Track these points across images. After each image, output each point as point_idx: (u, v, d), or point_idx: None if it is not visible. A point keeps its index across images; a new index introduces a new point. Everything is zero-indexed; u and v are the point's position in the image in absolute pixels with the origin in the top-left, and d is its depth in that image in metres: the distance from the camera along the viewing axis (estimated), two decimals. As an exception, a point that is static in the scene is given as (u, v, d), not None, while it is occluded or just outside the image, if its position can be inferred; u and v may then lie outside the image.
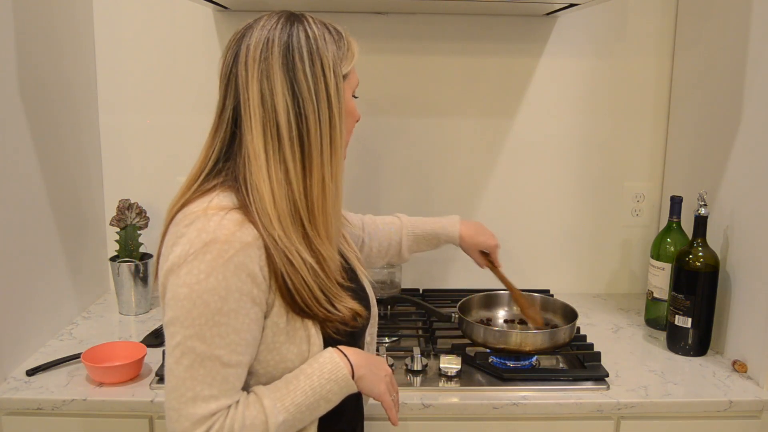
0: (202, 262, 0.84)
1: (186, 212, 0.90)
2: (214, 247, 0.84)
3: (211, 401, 0.85)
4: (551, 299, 1.50)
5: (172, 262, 0.86)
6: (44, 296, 1.44)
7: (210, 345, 0.84)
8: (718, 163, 1.47)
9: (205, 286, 0.84)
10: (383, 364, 1.01)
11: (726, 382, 1.32)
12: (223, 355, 0.85)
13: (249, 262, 0.85)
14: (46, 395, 1.23)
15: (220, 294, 0.84)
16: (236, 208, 0.88)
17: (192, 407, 0.85)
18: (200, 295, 0.84)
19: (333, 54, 0.92)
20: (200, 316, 0.84)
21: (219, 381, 0.85)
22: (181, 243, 0.86)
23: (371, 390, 0.97)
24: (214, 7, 1.59)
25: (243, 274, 0.85)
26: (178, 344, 0.85)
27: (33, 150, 1.39)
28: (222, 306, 0.84)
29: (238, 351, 0.86)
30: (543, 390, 1.28)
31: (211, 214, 0.87)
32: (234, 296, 0.85)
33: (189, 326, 0.84)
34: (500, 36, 1.70)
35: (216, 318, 0.84)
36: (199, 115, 1.71)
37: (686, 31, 1.66)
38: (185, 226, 0.87)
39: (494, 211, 1.79)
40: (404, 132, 1.74)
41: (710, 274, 1.39)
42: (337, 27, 0.96)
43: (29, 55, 1.37)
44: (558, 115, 1.75)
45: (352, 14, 1.64)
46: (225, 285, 0.84)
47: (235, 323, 0.85)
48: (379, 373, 0.99)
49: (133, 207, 1.64)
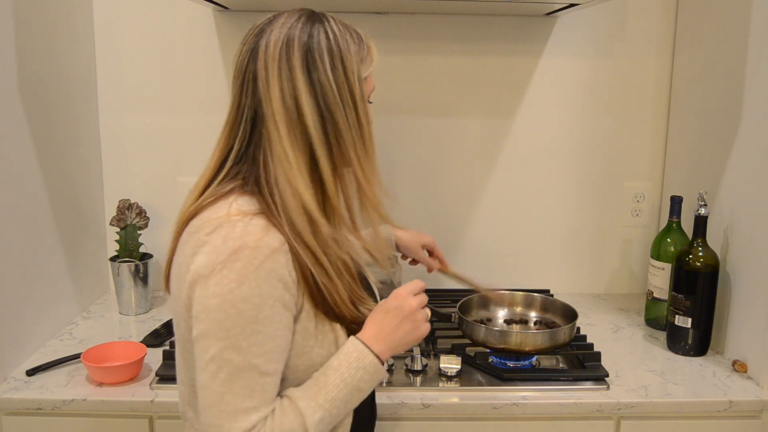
0: (231, 270, 0.81)
1: (204, 218, 0.87)
2: (243, 254, 0.81)
3: (251, 413, 0.83)
4: (551, 299, 1.50)
5: (198, 273, 0.83)
6: (44, 296, 1.44)
7: (247, 355, 0.82)
8: (718, 163, 1.47)
9: (238, 294, 0.81)
10: (404, 310, 0.95)
11: (726, 382, 1.32)
12: (261, 364, 0.83)
13: (279, 268, 0.83)
14: (46, 395, 1.23)
15: (254, 302, 0.82)
16: (260, 213, 0.86)
17: (234, 422, 0.82)
18: (234, 305, 0.81)
19: (354, 56, 0.90)
20: (235, 326, 0.81)
21: (258, 392, 0.83)
22: (204, 252, 0.83)
23: (414, 343, 0.96)
24: (214, 7, 1.59)
25: (274, 280, 0.83)
26: (213, 358, 0.82)
27: (33, 150, 1.39)
28: (257, 314, 0.82)
29: (275, 359, 0.85)
30: (543, 390, 1.28)
31: (236, 220, 0.84)
32: (268, 303, 0.83)
33: (223, 338, 0.81)
34: (500, 36, 1.70)
35: (252, 326, 0.82)
36: (200, 115, 1.71)
37: (686, 31, 1.66)
38: (207, 234, 0.84)
39: (494, 211, 1.79)
40: (404, 132, 1.74)
41: (710, 274, 1.39)
42: (357, 29, 0.94)
43: (29, 55, 1.37)
44: (558, 115, 1.75)
45: (352, 14, 1.64)
46: (258, 292, 0.82)
47: (270, 331, 0.83)
48: (406, 327, 0.95)
49: (133, 207, 1.64)
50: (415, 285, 0.99)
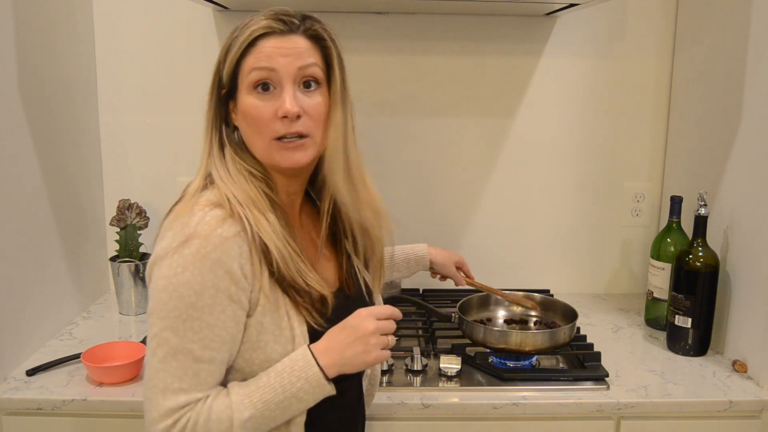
0: (180, 256, 0.86)
1: (176, 208, 0.92)
2: (193, 243, 0.86)
3: (180, 394, 0.86)
4: (551, 299, 1.50)
5: (156, 254, 0.89)
6: (44, 296, 1.44)
7: (182, 339, 0.86)
8: (718, 163, 1.47)
9: (181, 279, 0.85)
10: (359, 331, 0.93)
11: (726, 382, 1.32)
12: (195, 349, 0.86)
13: (227, 259, 0.86)
14: (46, 395, 1.23)
15: (194, 288, 0.85)
16: (220, 205, 0.90)
17: (162, 399, 0.86)
18: (176, 288, 0.85)
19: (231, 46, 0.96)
20: (174, 308, 0.86)
21: (190, 375, 0.86)
22: (166, 237, 0.89)
23: (362, 367, 0.94)
24: (214, 7, 1.59)
25: (220, 271, 0.86)
26: (154, 335, 0.87)
27: (33, 150, 1.38)
28: (196, 301, 0.85)
29: (212, 347, 0.87)
30: (543, 390, 1.28)
31: (196, 210, 0.89)
32: (209, 292, 0.86)
33: (164, 318, 0.86)
34: (500, 36, 1.70)
35: (189, 312, 0.86)
36: (200, 115, 1.70)
37: (686, 31, 1.66)
38: (171, 221, 0.90)
39: (494, 211, 1.79)
40: (404, 132, 1.74)
41: (710, 274, 1.39)
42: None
43: (29, 55, 1.37)
44: (558, 115, 1.75)
45: (352, 14, 1.64)
46: (200, 280, 0.85)
47: (209, 319, 0.86)
48: (356, 349, 0.92)
49: (133, 207, 1.64)
50: (381, 309, 0.97)
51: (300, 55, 0.92)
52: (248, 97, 0.93)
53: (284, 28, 0.92)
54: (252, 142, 0.96)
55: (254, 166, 0.97)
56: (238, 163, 0.96)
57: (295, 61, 0.92)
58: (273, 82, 0.92)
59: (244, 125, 0.95)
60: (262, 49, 0.91)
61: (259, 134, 0.93)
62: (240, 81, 0.94)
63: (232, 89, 0.95)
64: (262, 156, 0.96)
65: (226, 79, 0.95)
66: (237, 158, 0.96)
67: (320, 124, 0.95)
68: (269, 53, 0.91)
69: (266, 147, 0.94)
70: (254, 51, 0.92)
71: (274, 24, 0.92)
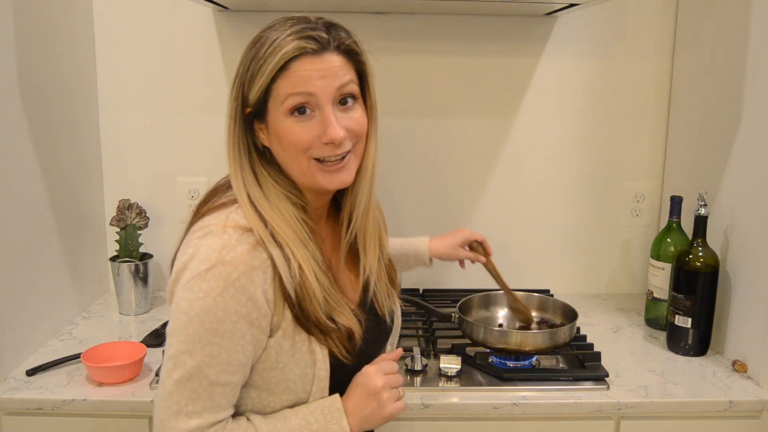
0: (204, 280, 0.84)
1: (203, 224, 0.90)
2: (218, 269, 0.84)
3: (193, 417, 0.86)
4: (551, 299, 1.50)
5: (180, 272, 0.87)
6: (44, 296, 1.44)
7: (200, 363, 0.85)
8: (718, 163, 1.47)
9: (203, 304, 0.84)
10: (369, 388, 0.95)
11: (726, 382, 1.32)
12: (212, 374, 0.85)
13: (251, 286, 0.85)
14: (46, 395, 1.23)
15: (216, 315, 0.84)
16: (250, 230, 0.88)
17: (175, 421, 0.85)
18: (198, 314, 0.84)
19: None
20: (194, 333, 0.84)
21: (204, 398, 0.86)
22: (190, 254, 0.87)
23: (383, 422, 0.97)
24: (214, 7, 1.59)
25: (243, 297, 0.85)
26: (171, 356, 0.86)
27: (33, 150, 1.38)
28: (217, 327, 0.84)
29: (229, 371, 0.87)
30: (543, 390, 1.28)
31: (225, 233, 0.87)
32: (231, 318, 0.85)
33: (183, 341, 0.85)
34: (500, 36, 1.70)
35: (209, 338, 0.84)
36: (200, 115, 1.71)
37: (686, 31, 1.66)
38: (198, 239, 0.88)
39: (494, 211, 1.79)
40: (404, 132, 1.74)
41: (710, 274, 1.39)
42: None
43: (29, 55, 1.37)
44: (558, 115, 1.75)
45: (352, 14, 1.64)
46: (223, 307, 0.84)
47: (228, 344, 0.85)
48: (371, 406, 0.95)
49: (133, 207, 1.64)
50: (386, 364, 0.99)
51: (336, 74, 0.88)
52: (285, 121, 0.89)
53: (317, 47, 0.87)
54: (289, 165, 0.93)
55: (290, 190, 0.94)
56: (276, 188, 0.93)
57: (333, 82, 0.88)
58: (311, 106, 0.89)
59: (278, 148, 0.92)
60: (296, 72, 0.86)
61: (297, 158, 0.91)
62: (272, 104, 0.89)
63: (260, 110, 0.91)
64: (302, 178, 0.93)
65: (253, 101, 0.89)
66: (271, 180, 0.93)
67: (362, 138, 0.95)
68: (305, 77, 0.86)
69: (306, 169, 0.91)
70: (288, 75, 0.87)
71: (305, 44, 0.86)
